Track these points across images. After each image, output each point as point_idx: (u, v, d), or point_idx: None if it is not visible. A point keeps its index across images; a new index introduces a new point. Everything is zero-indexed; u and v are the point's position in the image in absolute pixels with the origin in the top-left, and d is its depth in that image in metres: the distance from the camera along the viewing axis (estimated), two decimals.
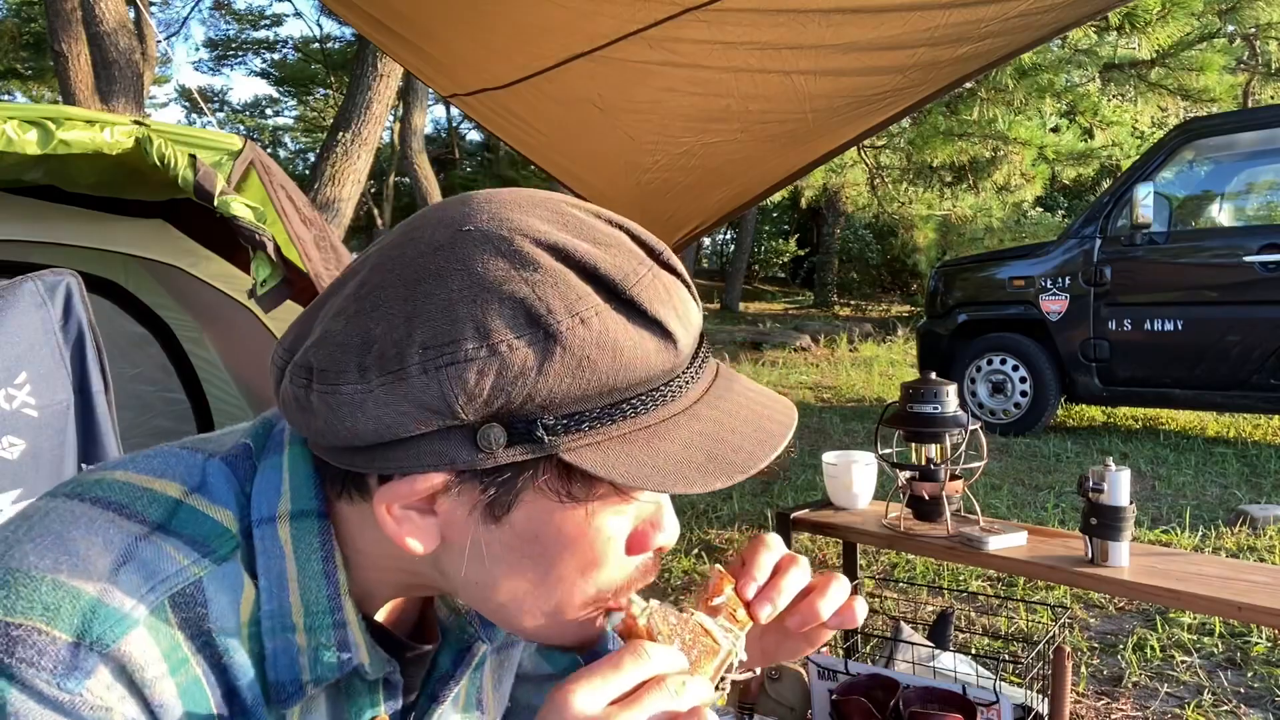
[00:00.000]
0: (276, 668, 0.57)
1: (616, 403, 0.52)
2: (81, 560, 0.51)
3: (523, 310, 0.50)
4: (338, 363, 0.52)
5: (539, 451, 0.51)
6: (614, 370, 0.51)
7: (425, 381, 0.49)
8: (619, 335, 0.51)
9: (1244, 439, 5.44)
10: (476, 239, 0.52)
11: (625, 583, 0.60)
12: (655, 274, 0.54)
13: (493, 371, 0.49)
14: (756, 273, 20.99)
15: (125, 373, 2.71)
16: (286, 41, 22.78)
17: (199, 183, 2.05)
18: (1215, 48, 7.76)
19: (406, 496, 0.54)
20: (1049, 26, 2.32)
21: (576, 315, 0.50)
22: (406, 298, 0.51)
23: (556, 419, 0.51)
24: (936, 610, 2.63)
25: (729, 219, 3.82)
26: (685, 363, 0.55)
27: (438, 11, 2.48)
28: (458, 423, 0.50)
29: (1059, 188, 14.74)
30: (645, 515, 0.60)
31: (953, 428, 1.93)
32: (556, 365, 0.49)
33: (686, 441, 0.54)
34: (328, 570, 0.58)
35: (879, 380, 8.29)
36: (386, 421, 0.51)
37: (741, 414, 0.57)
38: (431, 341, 0.50)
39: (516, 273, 0.51)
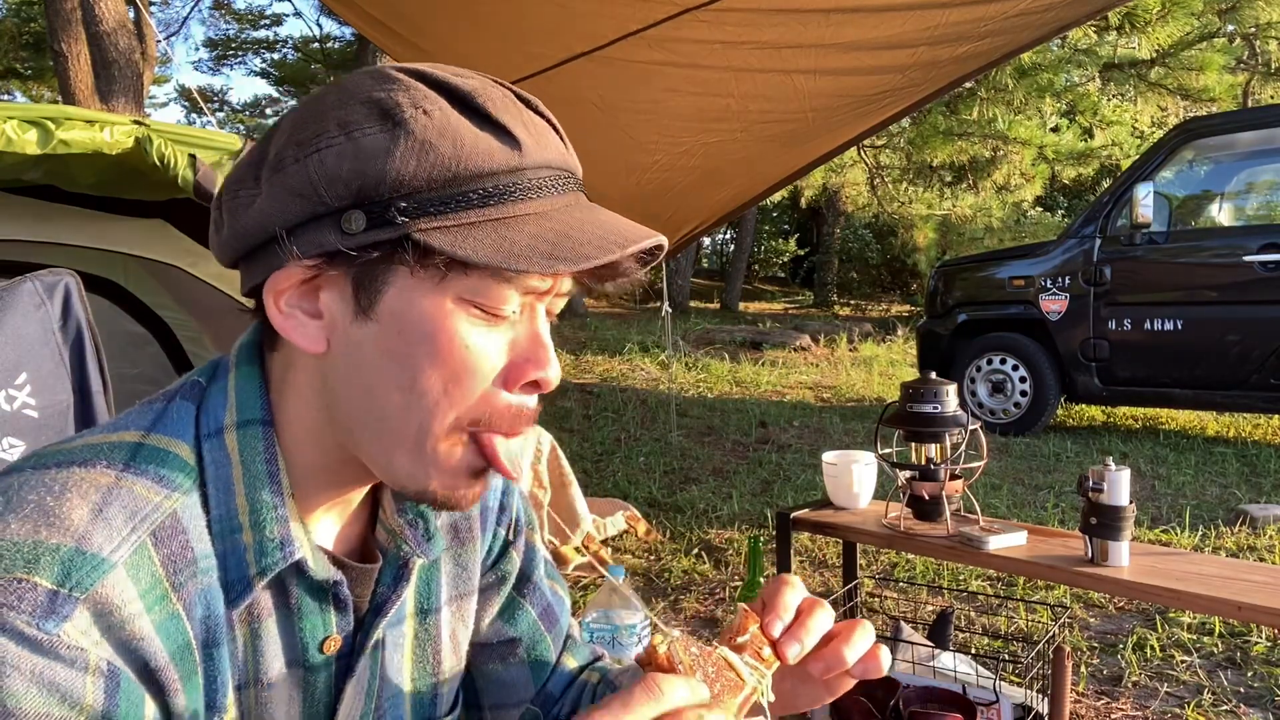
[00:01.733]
0: (227, 568, 0.61)
1: (463, 191, 0.57)
2: (60, 518, 0.55)
3: (376, 107, 0.58)
4: (240, 175, 0.61)
5: (394, 232, 0.56)
6: (455, 157, 0.57)
7: (296, 170, 0.57)
8: (460, 128, 0.58)
9: (1244, 439, 5.44)
10: (358, 72, 0.62)
11: (497, 415, 0.62)
12: (508, 98, 0.61)
13: (349, 155, 0.57)
14: (756, 272, 21.00)
15: (125, 373, 2.71)
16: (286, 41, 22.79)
17: (199, 183, 2.05)
18: (1215, 47, 7.77)
19: (287, 283, 0.60)
20: (1049, 26, 2.32)
21: (420, 108, 0.57)
22: (295, 117, 0.61)
23: (409, 204, 0.56)
24: (936, 610, 2.63)
25: (729, 219, 3.82)
26: (535, 169, 0.60)
27: (438, 11, 2.48)
28: (323, 208, 0.57)
29: (1059, 188, 14.75)
30: (520, 347, 0.63)
31: (953, 427, 1.93)
32: (402, 147, 0.56)
33: (533, 234, 0.58)
34: (271, 471, 0.63)
35: (879, 380, 8.29)
36: (268, 213, 0.58)
37: (596, 224, 0.61)
38: (302, 137, 0.58)
39: (377, 84, 0.59)
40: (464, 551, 0.81)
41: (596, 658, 0.95)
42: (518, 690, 0.88)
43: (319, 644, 0.68)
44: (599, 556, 3.23)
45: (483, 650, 0.86)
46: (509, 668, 0.87)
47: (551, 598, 0.90)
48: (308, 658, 0.67)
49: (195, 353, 2.89)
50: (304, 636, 0.67)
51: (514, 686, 0.88)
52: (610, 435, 5.65)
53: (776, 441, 5.48)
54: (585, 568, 3.16)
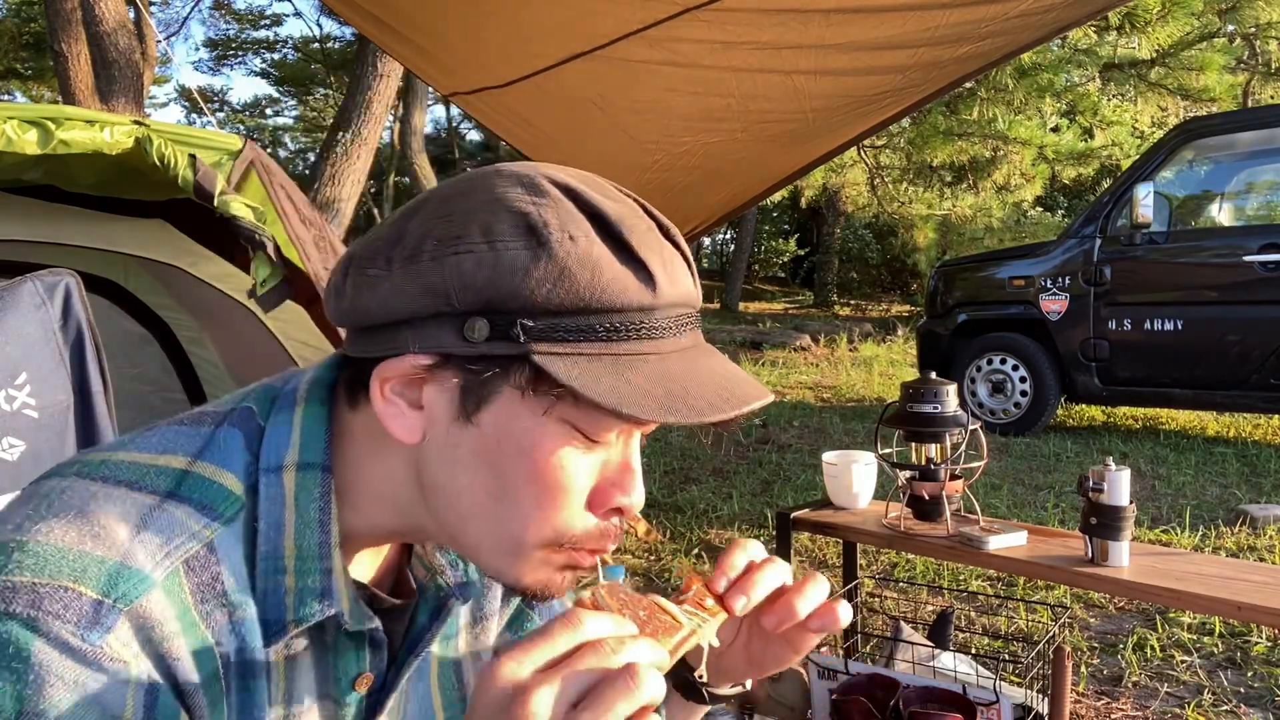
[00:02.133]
0: (266, 607, 0.61)
1: (591, 324, 0.57)
2: (103, 530, 0.55)
3: (524, 221, 0.57)
4: (372, 252, 0.61)
5: (514, 349, 0.57)
6: (592, 288, 0.56)
7: (432, 267, 0.57)
8: (601, 258, 0.57)
9: (1244, 439, 5.44)
10: (505, 173, 0.61)
11: (584, 535, 0.63)
12: (652, 231, 0.61)
13: (488, 265, 0.56)
14: (756, 272, 20.99)
15: (125, 373, 2.71)
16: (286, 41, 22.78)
17: (199, 183, 2.05)
18: (1215, 47, 7.76)
19: (397, 373, 0.60)
20: (1049, 26, 2.32)
21: (567, 233, 0.57)
22: (438, 207, 0.60)
23: (535, 323, 0.56)
24: (936, 610, 2.63)
25: (729, 218, 3.82)
26: (666, 311, 0.60)
27: (438, 10, 2.48)
28: (449, 310, 0.57)
29: (1059, 188, 14.74)
30: (610, 471, 0.63)
31: (953, 427, 1.93)
32: (541, 269, 0.56)
33: (651, 377, 0.58)
34: (323, 520, 0.62)
35: (879, 380, 8.28)
36: (394, 301, 0.58)
37: (711, 375, 0.61)
38: (444, 236, 0.58)
39: (527, 196, 0.59)
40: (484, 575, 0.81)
41: None
42: None
43: (351, 681, 0.68)
44: None
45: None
46: None
47: (558, 607, 0.90)
48: (338, 693, 0.68)
49: (195, 353, 2.89)
50: (337, 674, 0.67)
51: None
52: None
53: (776, 441, 5.48)
54: None
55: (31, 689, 0.50)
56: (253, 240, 2.04)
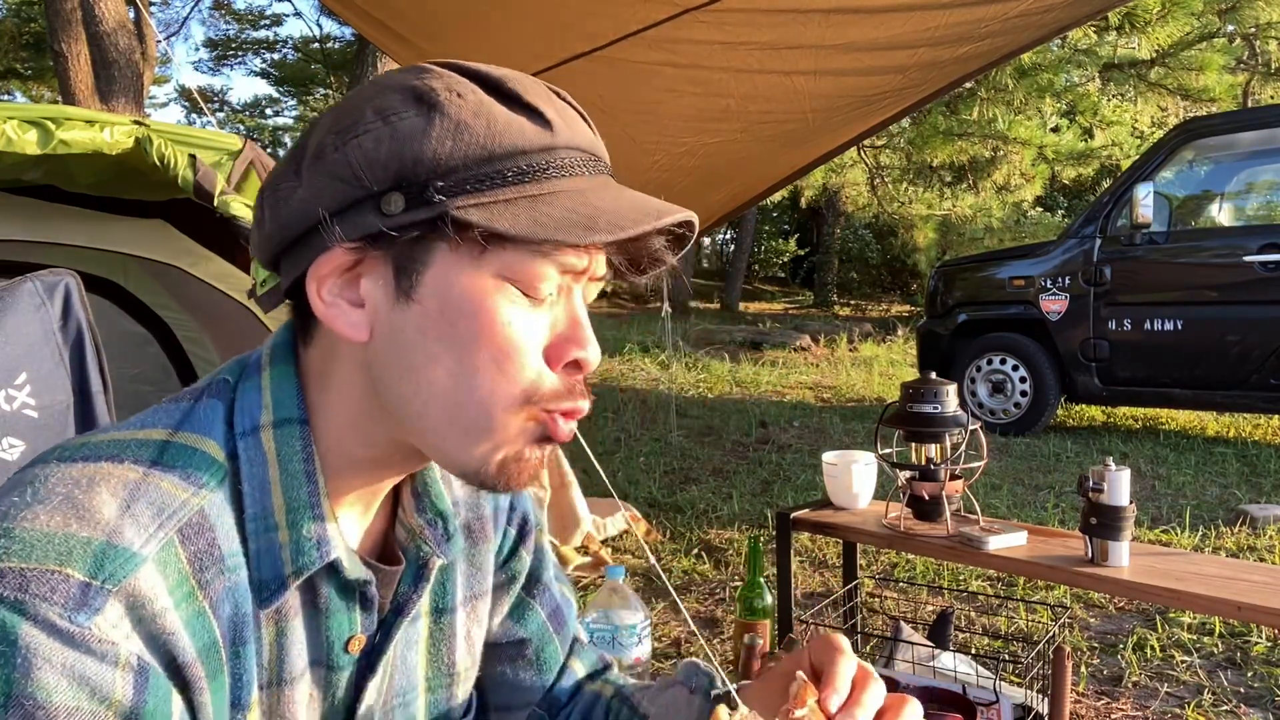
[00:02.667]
0: (260, 567, 0.61)
1: (498, 169, 0.58)
2: (89, 512, 0.55)
3: (411, 93, 0.60)
4: (279, 173, 0.62)
5: (433, 211, 0.58)
6: (490, 135, 0.58)
7: (336, 157, 0.59)
8: (493, 109, 0.59)
9: (1244, 439, 5.44)
10: (393, 70, 0.64)
11: (551, 392, 0.63)
12: (538, 84, 0.63)
13: (387, 138, 0.58)
14: (756, 272, 20.99)
15: (125, 373, 2.71)
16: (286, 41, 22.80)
17: (199, 183, 2.05)
18: (1215, 48, 7.76)
19: (328, 270, 0.60)
20: (1049, 26, 2.32)
21: (454, 91, 0.59)
22: (330, 113, 0.62)
23: (446, 182, 0.58)
24: (936, 610, 2.63)
25: (729, 219, 3.82)
26: (566, 149, 0.61)
27: (438, 11, 2.48)
28: (363, 191, 0.58)
29: (1059, 188, 14.75)
30: (560, 329, 0.64)
31: (953, 427, 1.93)
32: (438, 128, 0.58)
33: (567, 207, 0.59)
34: (308, 470, 0.63)
35: (879, 380, 8.28)
36: (310, 201, 0.60)
37: (630, 199, 0.62)
38: (341, 126, 0.60)
39: (411, 74, 0.61)
40: (478, 551, 0.82)
41: (605, 665, 0.95)
42: (525, 692, 0.88)
43: (344, 643, 0.68)
44: (597, 558, 3.23)
45: (492, 651, 0.86)
46: (518, 669, 0.88)
47: (560, 600, 0.90)
48: (332, 657, 0.68)
49: (195, 353, 2.89)
50: (330, 636, 0.67)
51: (522, 688, 0.88)
52: (610, 435, 5.65)
53: (776, 441, 5.48)
54: (585, 568, 3.16)
55: (19, 672, 0.50)
56: None
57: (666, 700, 0.84)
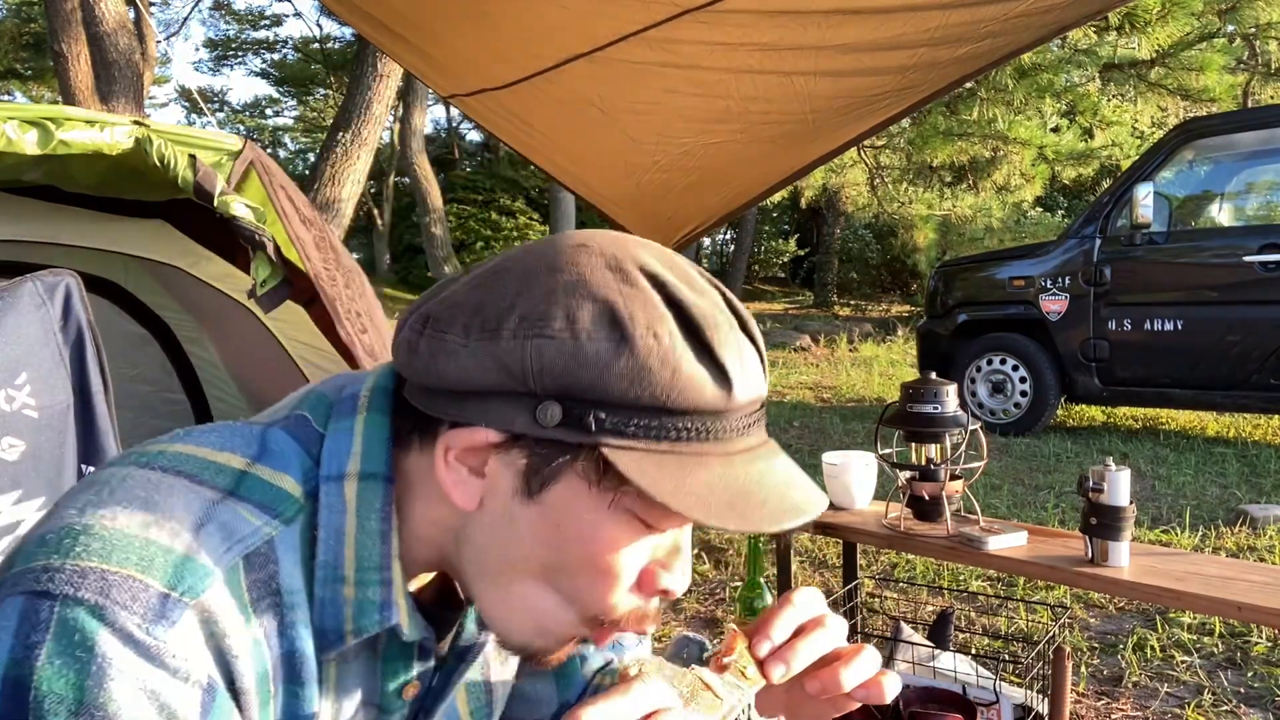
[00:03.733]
0: (323, 616, 0.61)
1: (664, 423, 0.57)
2: (168, 520, 0.55)
3: (610, 312, 0.57)
4: (450, 317, 0.60)
5: (584, 438, 0.57)
6: (669, 388, 0.56)
7: (512, 345, 0.57)
8: (682, 359, 0.57)
9: (1244, 439, 5.44)
10: (594, 252, 0.60)
11: (621, 615, 0.63)
12: (734, 330, 0.61)
13: (568, 353, 0.56)
14: (756, 273, 20.98)
15: (125, 373, 2.71)
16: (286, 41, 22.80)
17: (199, 183, 2.05)
18: (1215, 48, 7.75)
19: (464, 444, 0.60)
20: (1049, 26, 2.32)
21: (652, 330, 0.56)
22: (521, 280, 0.59)
23: (608, 415, 0.56)
24: (936, 610, 2.63)
25: (729, 219, 3.82)
26: (737, 413, 0.60)
27: (437, 11, 2.48)
28: (525, 390, 0.57)
29: (1059, 188, 14.74)
30: (660, 554, 0.64)
31: (953, 428, 1.93)
32: (622, 364, 0.56)
33: (716, 481, 0.58)
34: (384, 530, 0.62)
35: (879, 380, 8.28)
36: (471, 372, 0.58)
37: (774, 481, 0.61)
38: (528, 315, 0.57)
39: (616, 284, 0.58)
40: None
41: (607, 662, 0.95)
42: (542, 705, 0.88)
43: (399, 690, 0.68)
44: None
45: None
46: (535, 683, 0.88)
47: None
48: (385, 701, 0.68)
49: (195, 353, 2.89)
50: (385, 682, 0.67)
51: (539, 701, 0.88)
52: None
53: (777, 441, 5.48)
54: None
55: (93, 680, 0.50)
56: (253, 240, 2.04)
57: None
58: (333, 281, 2.12)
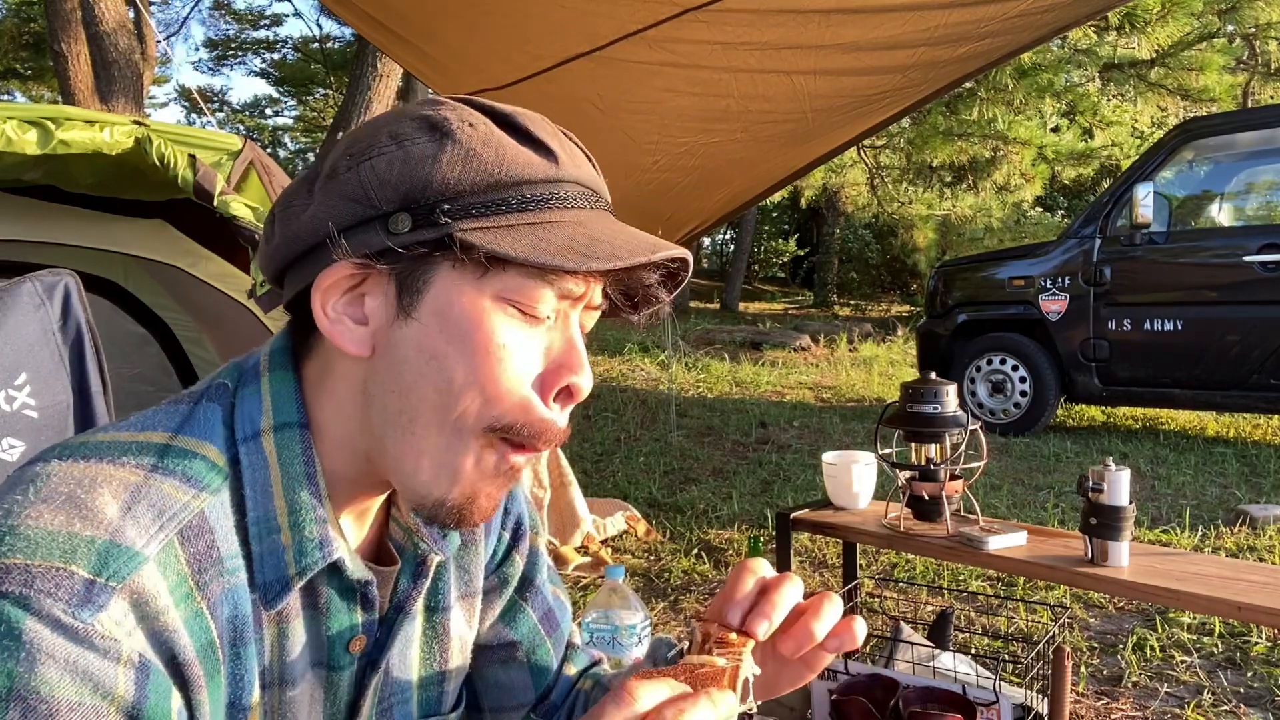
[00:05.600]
0: (264, 569, 0.63)
1: (504, 197, 0.61)
2: (92, 511, 0.56)
3: (426, 121, 0.62)
4: (292, 190, 0.65)
5: (438, 232, 0.60)
6: (498, 164, 0.61)
7: (349, 176, 0.61)
8: (503, 140, 0.62)
9: (1244, 439, 5.44)
10: (409, 103, 0.68)
11: (529, 422, 0.63)
12: (546, 122, 0.66)
13: (399, 161, 0.60)
14: (756, 273, 20.99)
15: (125, 373, 2.71)
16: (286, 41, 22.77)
17: (199, 183, 2.05)
18: (1215, 48, 7.76)
19: (333, 285, 0.62)
20: (1049, 26, 2.32)
21: (467, 121, 0.62)
22: (346, 138, 0.64)
23: (452, 206, 0.60)
24: (936, 610, 2.63)
25: (729, 219, 3.82)
26: (569, 182, 0.63)
27: (437, 11, 2.48)
28: (373, 211, 0.60)
29: (1059, 188, 14.74)
30: (556, 353, 0.65)
31: (953, 428, 1.93)
32: (449, 154, 0.60)
33: (568, 236, 0.61)
34: (309, 472, 0.64)
35: (879, 380, 8.28)
36: (319, 218, 0.62)
37: (627, 232, 0.65)
38: (355, 149, 0.62)
39: (427, 105, 0.64)
40: (467, 554, 0.82)
41: (593, 663, 0.95)
42: (517, 693, 0.89)
43: (346, 644, 0.69)
44: (597, 558, 3.23)
45: (483, 652, 0.87)
46: (509, 670, 0.88)
47: (553, 602, 0.91)
48: (333, 658, 0.69)
49: (195, 353, 2.89)
50: (331, 637, 0.68)
51: (514, 689, 0.89)
52: (610, 435, 5.65)
53: (776, 441, 5.48)
54: (585, 568, 3.16)
55: (23, 666, 0.50)
56: (252, 240, 2.04)
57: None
58: None
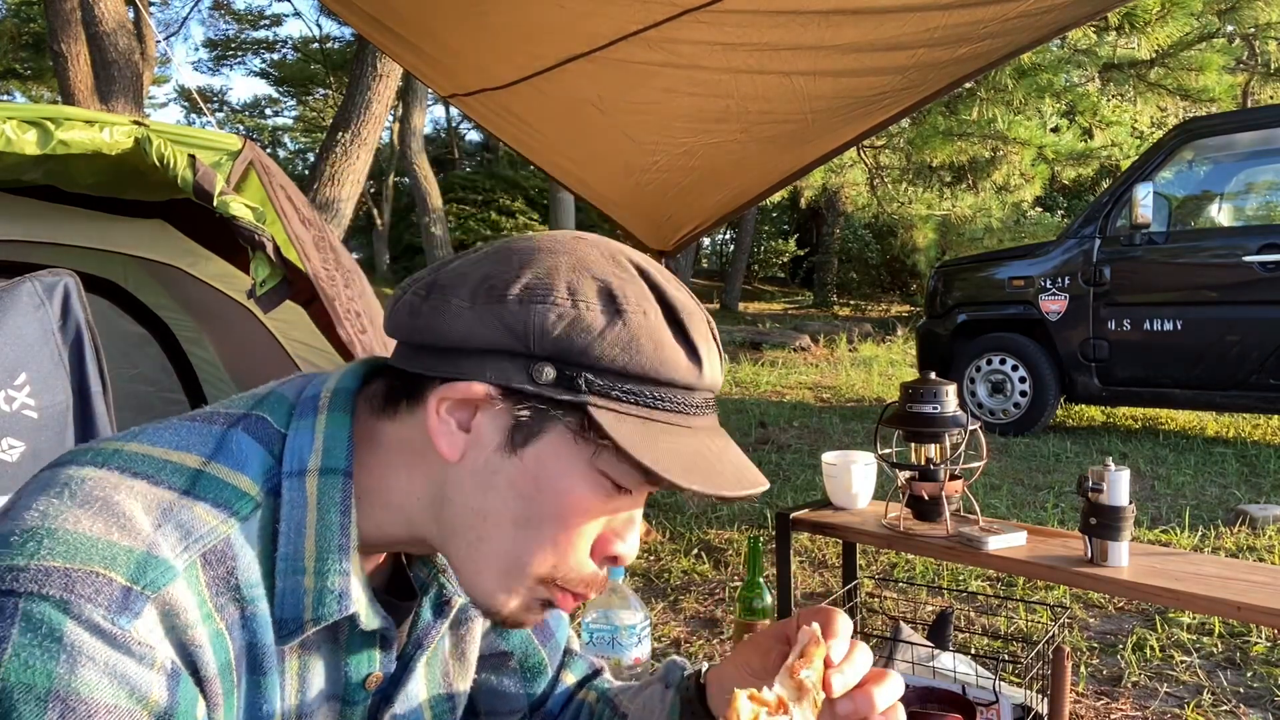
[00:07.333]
0: (283, 605, 0.64)
1: (645, 391, 0.63)
2: (129, 521, 0.58)
3: (607, 289, 0.64)
4: (455, 284, 0.65)
5: (574, 397, 0.62)
6: (654, 360, 0.63)
7: (516, 309, 0.63)
8: (665, 337, 0.64)
9: (1244, 439, 5.44)
10: (592, 243, 0.68)
11: (577, 577, 0.67)
12: (705, 323, 0.69)
13: (568, 320, 0.62)
14: (756, 273, 20.99)
15: (125, 373, 2.71)
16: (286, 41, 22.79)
17: (198, 183, 2.05)
18: (1215, 48, 7.75)
19: (459, 395, 0.64)
20: (1049, 26, 2.32)
21: (642, 309, 0.64)
22: (524, 258, 0.65)
23: (597, 378, 0.62)
24: (936, 610, 2.63)
25: (729, 219, 3.82)
26: (703, 393, 0.67)
27: (437, 11, 2.48)
28: (523, 350, 0.62)
29: (1059, 188, 14.74)
30: (617, 522, 0.69)
31: (952, 428, 1.93)
32: (614, 334, 0.62)
33: (683, 447, 0.64)
34: (343, 524, 0.66)
35: (879, 380, 8.28)
36: (473, 331, 0.63)
37: (728, 457, 0.69)
38: (533, 285, 0.63)
39: (612, 268, 0.66)
40: None
41: (594, 672, 0.96)
42: (510, 699, 0.90)
43: (363, 681, 0.71)
44: None
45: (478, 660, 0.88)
46: (502, 677, 0.90)
47: None
48: (349, 693, 0.70)
49: (195, 353, 2.89)
50: (349, 673, 0.70)
51: (507, 695, 0.90)
52: None
53: (776, 441, 5.48)
54: None
55: (64, 668, 0.52)
56: (252, 240, 2.04)
57: (644, 698, 0.86)
58: (332, 281, 2.12)
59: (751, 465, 0.70)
